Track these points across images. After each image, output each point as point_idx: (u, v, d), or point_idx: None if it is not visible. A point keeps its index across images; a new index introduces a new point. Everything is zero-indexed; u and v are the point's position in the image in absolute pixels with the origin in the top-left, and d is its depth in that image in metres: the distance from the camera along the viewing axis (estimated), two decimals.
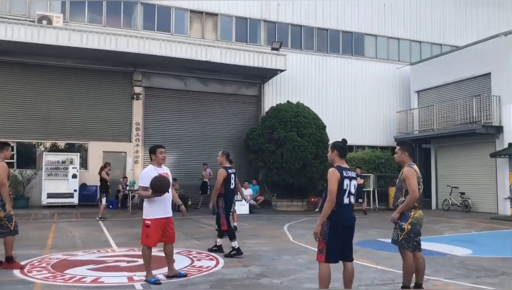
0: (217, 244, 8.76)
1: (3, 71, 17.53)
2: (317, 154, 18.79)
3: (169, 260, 6.58)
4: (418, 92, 22.73)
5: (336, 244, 5.04)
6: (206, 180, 18.62)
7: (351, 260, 5.22)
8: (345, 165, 5.26)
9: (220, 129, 20.54)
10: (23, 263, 7.35)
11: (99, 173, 14.53)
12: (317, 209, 17.99)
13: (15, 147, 16.86)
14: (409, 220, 5.63)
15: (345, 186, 5.06)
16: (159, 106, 19.75)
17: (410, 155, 5.91)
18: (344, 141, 5.47)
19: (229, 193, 8.66)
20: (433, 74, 21.40)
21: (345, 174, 5.10)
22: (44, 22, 17.04)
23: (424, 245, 6.04)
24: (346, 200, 5.09)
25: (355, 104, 23.02)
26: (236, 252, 8.26)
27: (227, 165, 8.76)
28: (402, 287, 5.70)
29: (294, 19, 22.32)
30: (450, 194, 19.44)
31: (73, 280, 6.46)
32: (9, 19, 16.80)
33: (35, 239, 9.95)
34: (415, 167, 5.78)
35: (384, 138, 23.44)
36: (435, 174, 21.28)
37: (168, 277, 6.49)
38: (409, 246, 5.60)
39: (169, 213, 6.43)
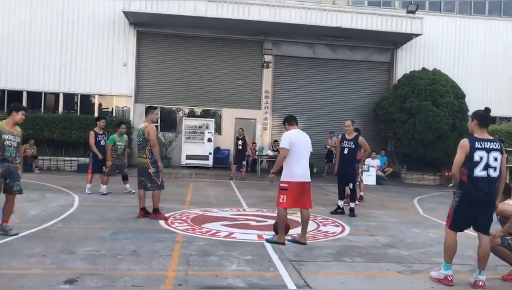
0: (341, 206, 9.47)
1: (149, 42, 19.23)
2: (455, 125, 17.48)
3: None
4: None
5: (462, 215, 4.96)
6: (333, 149, 18.53)
7: (486, 233, 4.97)
8: (485, 136, 4.95)
9: (347, 97, 20.12)
10: (167, 215, 8.22)
11: None
12: (451, 184, 16.91)
13: (159, 112, 18.55)
14: None
15: (476, 158, 4.83)
16: (288, 74, 19.98)
17: None
18: (487, 109, 5.06)
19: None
20: None
21: (478, 145, 4.85)
22: None
23: None
24: (479, 173, 4.83)
25: (501, 71, 20.65)
26: (341, 211, 9.29)
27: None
28: None
29: None
30: None
31: (209, 233, 7.05)
32: None
33: (176, 195, 10.98)
34: None
35: None
36: None
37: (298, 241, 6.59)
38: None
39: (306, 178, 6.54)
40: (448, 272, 4.97)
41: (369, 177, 15.75)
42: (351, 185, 9.29)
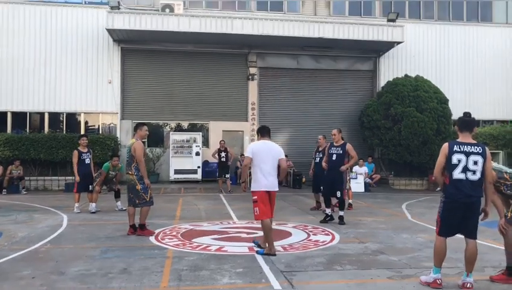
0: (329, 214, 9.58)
1: (134, 59, 19.24)
2: (439, 130, 17.75)
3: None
4: None
5: (449, 219, 5.05)
6: None
7: (473, 238, 5.04)
8: (467, 140, 5.07)
9: (333, 106, 20.29)
10: (157, 231, 8.20)
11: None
12: (438, 188, 17.12)
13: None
14: None
15: (454, 161, 4.96)
16: (273, 85, 20.12)
17: None
18: (465, 114, 5.19)
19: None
20: None
21: (456, 148, 4.99)
22: (167, 10, 18.28)
23: None
24: (458, 176, 4.94)
25: (482, 75, 21.12)
26: (331, 218, 9.43)
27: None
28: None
29: None
30: None
31: (200, 247, 7.05)
32: (137, 9, 18.38)
33: (165, 210, 10.98)
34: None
35: None
36: None
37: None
38: None
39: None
40: (438, 275, 5.05)
41: (357, 184, 15.89)
42: (338, 193, 9.30)
